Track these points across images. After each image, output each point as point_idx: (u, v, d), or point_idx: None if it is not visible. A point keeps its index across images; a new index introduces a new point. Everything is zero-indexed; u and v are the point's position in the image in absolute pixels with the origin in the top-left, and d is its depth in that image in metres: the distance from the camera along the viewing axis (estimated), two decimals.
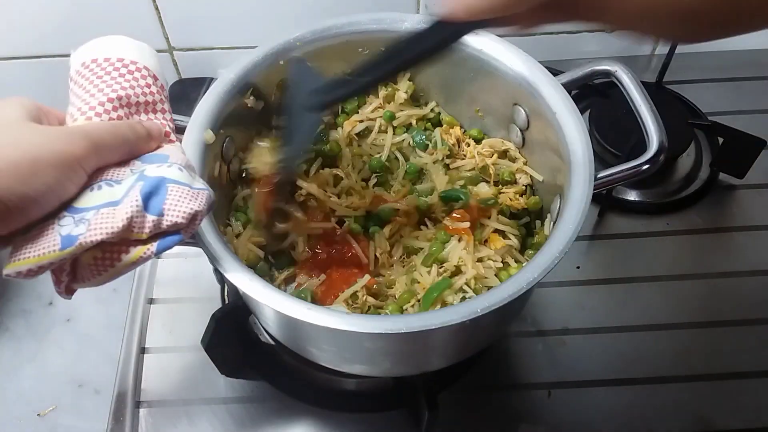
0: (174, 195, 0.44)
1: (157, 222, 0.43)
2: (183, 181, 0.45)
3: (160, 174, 0.44)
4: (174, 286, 0.75)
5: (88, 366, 0.72)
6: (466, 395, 0.66)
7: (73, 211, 0.42)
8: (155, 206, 0.43)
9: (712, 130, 0.82)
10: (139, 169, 0.46)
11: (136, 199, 0.42)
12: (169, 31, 0.86)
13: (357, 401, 0.67)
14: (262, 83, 0.63)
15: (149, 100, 0.50)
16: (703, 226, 0.78)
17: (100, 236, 0.41)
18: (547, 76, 0.59)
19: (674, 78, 0.88)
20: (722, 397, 0.66)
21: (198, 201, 0.45)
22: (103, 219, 0.42)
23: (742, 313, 0.71)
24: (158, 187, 0.44)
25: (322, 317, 0.46)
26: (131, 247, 0.43)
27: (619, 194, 0.79)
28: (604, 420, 0.65)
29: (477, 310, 0.46)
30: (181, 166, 0.47)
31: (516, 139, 0.66)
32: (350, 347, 0.55)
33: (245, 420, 0.66)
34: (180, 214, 0.43)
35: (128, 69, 0.49)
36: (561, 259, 0.49)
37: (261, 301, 0.47)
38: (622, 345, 0.69)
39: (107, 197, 0.43)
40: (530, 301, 0.72)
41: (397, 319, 0.50)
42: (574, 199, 0.52)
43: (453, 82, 0.68)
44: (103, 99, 0.47)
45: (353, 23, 0.63)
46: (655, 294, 0.73)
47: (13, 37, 0.85)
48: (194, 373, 0.68)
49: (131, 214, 0.42)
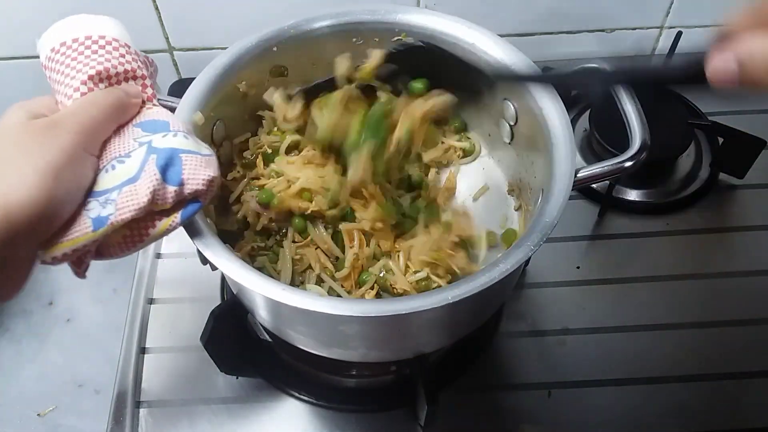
0: (189, 164, 0.46)
1: (179, 191, 0.45)
2: (193, 149, 0.47)
3: (169, 145, 0.46)
4: (174, 286, 0.75)
5: (88, 366, 0.72)
6: (466, 395, 0.66)
7: (95, 195, 0.43)
8: (174, 177, 0.45)
9: (712, 130, 0.82)
10: (143, 139, 0.46)
11: (155, 173, 0.44)
12: (169, 31, 0.86)
13: (356, 400, 0.67)
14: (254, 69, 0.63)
15: (127, 69, 0.49)
16: (703, 226, 0.78)
17: (129, 214, 0.43)
18: (535, 71, 0.60)
19: None
20: (722, 397, 0.66)
21: (212, 167, 0.47)
22: (127, 197, 0.43)
23: (742, 313, 0.71)
24: (172, 158, 0.45)
25: (295, 298, 0.47)
26: (156, 220, 0.45)
27: (619, 194, 0.79)
28: (604, 420, 0.65)
29: (448, 297, 0.46)
30: (185, 134, 0.48)
31: (505, 133, 0.66)
32: (326, 330, 0.55)
33: (245, 420, 0.66)
34: (199, 181, 0.45)
35: (99, 44, 0.49)
36: (535, 252, 0.49)
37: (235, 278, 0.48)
38: (622, 345, 0.69)
39: (124, 175, 0.44)
40: (530, 300, 0.72)
41: (370, 303, 0.51)
42: (554, 193, 0.52)
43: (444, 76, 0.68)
44: (84, 78, 0.47)
45: (348, 13, 0.64)
46: (655, 294, 0.73)
47: (13, 37, 0.85)
48: (194, 373, 0.68)
49: (153, 188, 0.43)
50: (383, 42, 0.66)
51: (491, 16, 0.88)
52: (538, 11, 0.88)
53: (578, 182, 0.54)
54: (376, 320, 0.48)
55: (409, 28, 0.65)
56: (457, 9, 0.85)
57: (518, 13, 0.88)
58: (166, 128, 0.48)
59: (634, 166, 0.54)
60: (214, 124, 0.61)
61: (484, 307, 0.59)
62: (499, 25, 0.89)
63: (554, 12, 0.88)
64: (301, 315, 0.52)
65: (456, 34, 0.63)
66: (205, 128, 0.59)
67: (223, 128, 0.62)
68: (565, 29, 0.91)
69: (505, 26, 0.89)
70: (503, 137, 0.67)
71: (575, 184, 0.53)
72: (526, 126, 0.62)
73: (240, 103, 0.64)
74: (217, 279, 0.74)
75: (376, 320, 0.48)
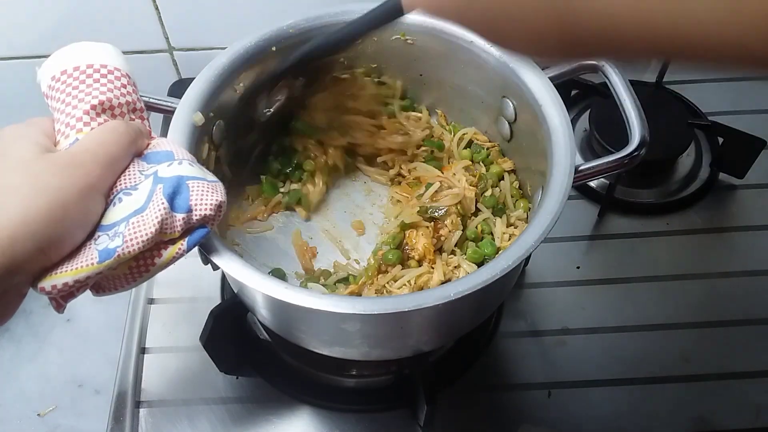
0: (197, 190, 0.45)
1: (187, 218, 0.44)
2: (199, 176, 0.46)
3: (175, 173, 0.45)
4: (174, 286, 0.75)
5: (88, 366, 0.72)
6: (465, 395, 0.66)
7: (103, 228, 0.43)
8: (182, 204, 0.44)
9: (712, 130, 0.82)
10: (148, 171, 0.46)
11: (162, 201, 0.43)
12: (169, 31, 0.86)
13: (356, 400, 0.67)
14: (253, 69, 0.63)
15: (129, 100, 0.49)
16: (703, 226, 0.78)
17: (137, 246, 0.42)
18: (534, 68, 0.60)
19: (674, 78, 0.88)
20: (722, 397, 0.66)
21: (219, 192, 0.47)
22: (135, 228, 0.42)
23: (742, 313, 0.71)
24: (179, 185, 0.45)
25: (296, 296, 0.47)
26: (163, 249, 0.45)
27: (619, 194, 0.79)
28: (604, 420, 0.65)
29: (450, 294, 0.46)
30: (190, 161, 0.47)
31: (504, 131, 0.67)
32: (327, 328, 0.55)
33: (245, 420, 0.66)
34: (208, 207, 0.45)
35: (101, 73, 0.48)
36: (536, 248, 0.49)
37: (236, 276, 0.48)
38: (622, 345, 0.69)
39: (131, 207, 0.43)
40: (530, 300, 0.73)
41: (371, 301, 0.51)
42: (553, 190, 0.52)
43: (444, 74, 0.68)
44: (86, 107, 0.46)
45: (346, 12, 0.64)
46: (655, 294, 0.73)
47: (13, 37, 0.85)
48: (194, 373, 0.68)
49: (161, 217, 0.43)
50: (382, 41, 0.66)
51: None
52: None
53: (578, 178, 0.54)
54: (378, 318, 0.48)
55: (407, 27, 0.65)
56: None
57: None
58: (171, 157, 0.47)
59: (633, 162, 0.55)
60: (213, 125, 0.61)
61: (485, 304, 0.59)
62: None
63: None
64: (303, 313, 0.52)
65: (454, 32, 0.63)
66: (205, 129, 0.59)
67: (223, 128, 0.62)
68: None
69: None
70: (503, 135, 0.67)
71: (575, 181, 0.53)
72: (526, 123, 0.62)
73: (239, 103, 0.64)
74: (218, 279, 0.74)
75: (377, 318, 0.48)
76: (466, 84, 0.67)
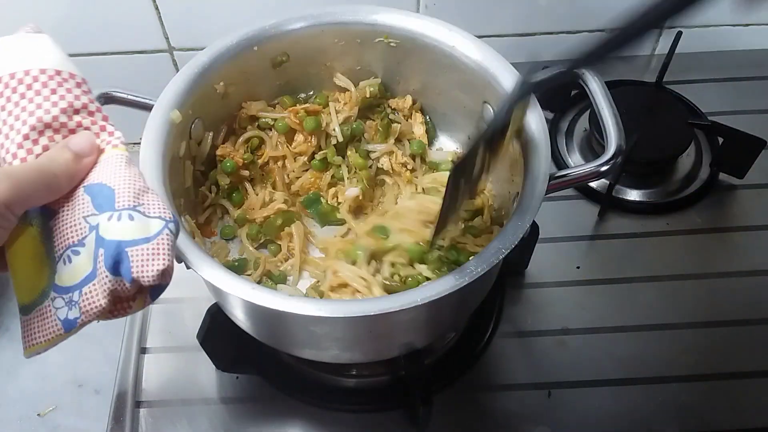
0: (137, 259, 0.41)
1: (136, 284, 0.42)
2: (138, 237, 0.42)
3: (114, 237, 0.41)
4: (174, 287, 0.74)
5: (88, 366, 0.72)
6: (465, 395, 0.66)
7: (60, 291, 0.43)
8: (125, 273, 0.41)
9: (712, 130, 0.82)
10: (92, 219, 0.43)
11: (106, 275, 0.41)
12: (169, 31, 0.86)
13: (354, 400, 0.67)
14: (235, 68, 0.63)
15: (77, 107, 0.45)
16: (703, 226, 0.78)
17: (93, 317, 0.43)
18: (515, 75, 0.60)
19: (674, 78, 0.88)
20: (722, 397, 0.66)
21: (161, 254, 0.42)
22: (88, 299, 0.42)
23: (742, 313, 0.71)
24: (119, 254, 0.41)
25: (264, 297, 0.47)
26: (131, 301, 0.44)
27: (619, 194, 0.79)
28: (604, 420, 0.65)
29: (417, 299, 0.46)
30: (130, 212, 0.43)
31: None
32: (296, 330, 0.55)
33: (245, 420, 0.66)
34: (149, 278, 0.41)
35: (40, 81, 0.44)
36: (506, 254, 0.49)
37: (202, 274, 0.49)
38: (622, 345, 0.69)
39: (82, 270, 0.42)
40: (530, 300, 0.72)
41: (338, 303, 0.51)
42: (528, 197, 0.52)
43: (427, 79, 0.69)
44: (26, 131, 0.43)
45: (329, 13, 0.64)
46: (655, 294, 0.73)
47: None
48: (194, 373, 0.68)
49: (109, 289, 0.41)
50: (365, 44, 0.66)
51: (492, 16, 0.88)
52: (538, 11, 0.88)
53: (552, 186, 0.54)
54: (345, 321, 0.48)
55: (390, 30, 0.65)
56: (457, 7, 0.85)
57: (518, 13, 0.88)
58: (111, 203, 0.43)
59: (609, 171, 0.55)
60: (192, 123, 0.61)
61: (460, 307, 0.59)
62: (500, 24, 0.89)
63: (554, 12, 0.88)
64: (271, 315, 0.52)
65: (436, 36, 0.63)
66: (183, 126, 0.59)
67: (201, 126, 0.63)
68: (565, 29, 0.91)
69: (506, 26, 0.89)
70: None
71: (549, 189, 0.53)
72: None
73: (219, 102, 0.64)
74: None
75: (344, 321, 0.48)
76: (448, 89, 0.67)
